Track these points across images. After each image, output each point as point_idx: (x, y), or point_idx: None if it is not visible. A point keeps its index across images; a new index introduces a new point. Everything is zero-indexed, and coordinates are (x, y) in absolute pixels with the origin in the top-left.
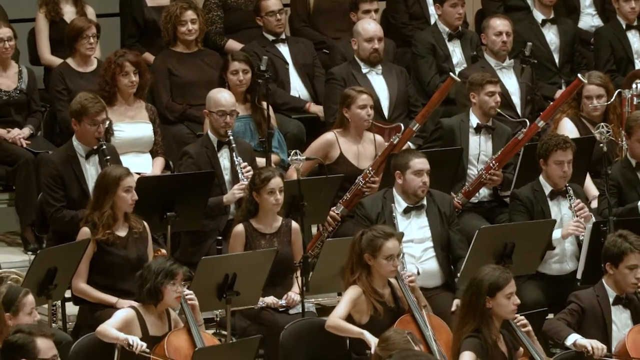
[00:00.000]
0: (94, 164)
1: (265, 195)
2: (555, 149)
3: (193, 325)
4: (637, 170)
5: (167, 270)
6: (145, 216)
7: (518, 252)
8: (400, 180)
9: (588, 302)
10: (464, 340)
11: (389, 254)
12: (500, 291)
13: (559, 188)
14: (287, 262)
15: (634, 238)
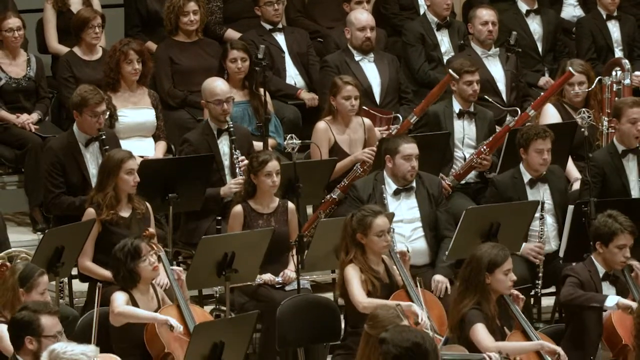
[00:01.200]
0: (93, 151)
1: (262, 177)
2: (536, 138)
3: (182, 302)
4: (623, 157)
5: (132, 251)
6: (148, 197)
7: (503, 231)
8: (390, 164)
9: (584, 275)
10: (469, 313)
11: (379, 230)
12: (499, 268)
13: (539, 175)
14: (284, 241)
15: (623, 219)
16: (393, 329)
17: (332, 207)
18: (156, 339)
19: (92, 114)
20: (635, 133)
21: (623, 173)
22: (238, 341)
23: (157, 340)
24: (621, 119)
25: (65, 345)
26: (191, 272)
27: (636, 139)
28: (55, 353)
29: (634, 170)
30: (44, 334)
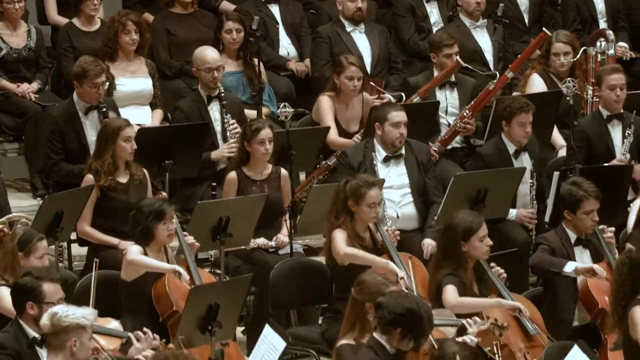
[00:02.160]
0: (92, 120)
1: (256, 145)
2: (519, 112)
3: (192, 263)
4: (608, 122)
5: (157, 211)
6: (145, 164)
7: (491, 197)
8: (379, 131)
9: (555, 242)
10: (444, 278)
11: (371, 202)
12: (474, 235)
13: (520, 146)
14: (277, 206)
15: (587, 185)
16: (390, 294)
17: (325, 173)
18: (165, 297)
19: (92, 85)
20: (615, 98)
21: (608, 138)
22: (232, 303)
23: (166, 298)
24: (602, 85)
25: (66, 308)
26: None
27: (617, 103)
28: (57, 316)
29: (618, 135)
30: (45, 301)
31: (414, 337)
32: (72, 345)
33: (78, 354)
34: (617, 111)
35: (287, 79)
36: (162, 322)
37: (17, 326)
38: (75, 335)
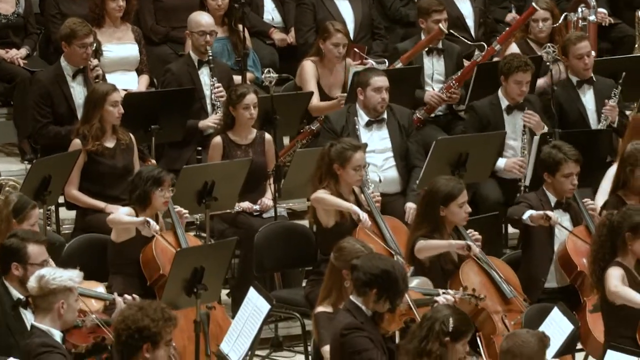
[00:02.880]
0: (79, 83)
1: (241, 110)
2: (517, 70)
3: (179, 228)
4: (578, 88)
5: (156, 177)
6: (132, 129)
7: (472, 161)
8: (362, 96)
9: (535, 203)
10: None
11: (356, 165)
12: (454, 201)
13: (515, 103)
14: (261, 170)
15: (567, 148)
16: (364, 256)
17: (309, 137)
18: (152, 261)
19: (81, 45)
20: (584, 66)
21: (580, 103)
22: (217, 266)
23: (153, 262)
24: (568, 55)
25: (53, 271)
26: (173, 200)
27: (586, 70)
28: (45, 279)
29: (590, 100)
30: (30, 262)
31: (390, 298)
32: (59, 308)
33: (65, 316)
34: (587, 77)
35: (271, 47)
36: (150, 285)
37: (2, 287)
38: (63, 298)
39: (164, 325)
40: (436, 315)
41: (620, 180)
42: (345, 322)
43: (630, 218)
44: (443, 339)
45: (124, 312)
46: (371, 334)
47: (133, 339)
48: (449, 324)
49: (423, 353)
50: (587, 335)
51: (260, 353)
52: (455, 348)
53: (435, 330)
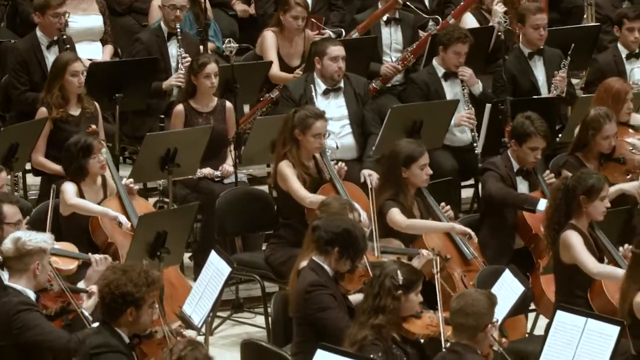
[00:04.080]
0: (54, 53)
1: (202, 78)
2: (457, 41)
3: (123, 194)
4: (530, 59)
5: (84, 147)
6: (96, 97)
7: (426, 128)
8: (319, 65)
9: (502, 170)
10: (385, 203)
11: (316, 132)
12: (415, 162)
13: (451, 71)
14: (222, 137)
15: (539, 123)
16: (326, 217)
17: (268, 106)
18: (100, 229)
19: (54, 15)
20: (539, 37)
21: (531, 74)
22: (180, 230)
23: (101, 230)
24: (525, 24)
25: (28, 234)
26: (136, 166)
27: (539, 41)
28: (21, 241)
29: (541, 70)
30: (5, 221)
31: (351, 257)
32: (35, 269)
33: (39, 277)
34: (539, 48)
35: (232, 18)
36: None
37: None
38: (38, 259)
39: (147, 290)
40: (384, 271)
41: (580, 142)
42: (309, 280)
43: (585, 182)
44: (395, 293)
45: (107, 276)
46: (334, 291)
47: (117, 304)
48: (398, 277)
49: (378, 310)
50: (540, 296)
51: (222, 314)
52: (410, 298)
53: (386, 286)
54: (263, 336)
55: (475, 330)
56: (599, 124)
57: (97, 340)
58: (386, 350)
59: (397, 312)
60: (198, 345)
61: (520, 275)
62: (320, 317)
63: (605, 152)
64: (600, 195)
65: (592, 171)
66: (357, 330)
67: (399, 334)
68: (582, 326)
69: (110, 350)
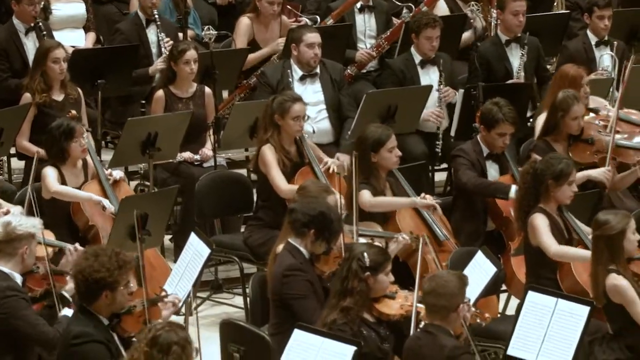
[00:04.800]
0: (32, 39)
1: (181, 65)
2: (426, 27)
3: (104, 179)
4: (506, 46)
5: (66, 130)
6: (79, 83)
7: (400, 113)
8: (295, 52)
9: (472, 155)
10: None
11: (295, 115)
12: (383, 146)
13: (427, 58)
14: (201, 122)
15: (507, 109)
16: (301, 200)
17: (246, 91)
18: (81, 212)
19: (29, 3)
20: (517, 24)
21: (507, 61)
22: (160, 213)
23: (82, 213)
24: (505, 10)
25: (18, 218)
26: (118, 151)
27: (518, 28)
28: (11, 225)
29: (516, 57)
30: None
31: (326, 239)
32: (23, 253)
33: (27, 261)
34: (517, 35)
35: (211, 6)
36: (82, 235)
37: None
38: (27, 243)
39: (119, 273)
40: (351, 254)
41: (550, 126)
42: (287, 263)
43: (553, 166)
44: (362, 275)
45: (80, 262)
46: (311, 275)
47: (92, 289)
48: (365, 259)
49: (346, 292)
50: (511, 277)
51: (201, 295)
52: (379, 279)
53: (353, 268)
54: (241, 316)
55: (447, 310)
56: (568, 105)
57: (76, 330)
58: (355, 333)
59: (366, 294)
60: (176, 328)
61: (493, 256)
62: (295, 304)
63: (575, 133)
64: (569, 179)
65: (561, 156)
66: (327, 312)
67: (372, 315)
68: (552, 306)
69: (89, 340)
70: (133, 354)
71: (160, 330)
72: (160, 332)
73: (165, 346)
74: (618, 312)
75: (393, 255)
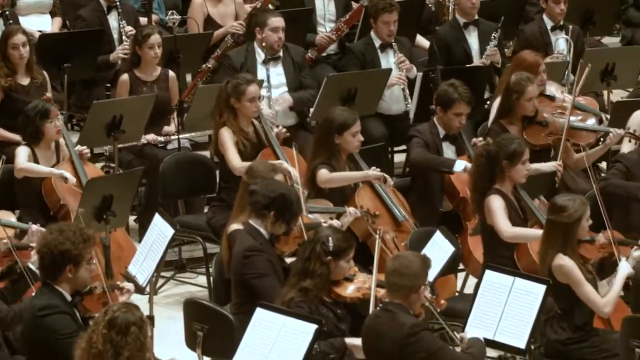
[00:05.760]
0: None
1: (146, 49)
2: (383, 12)
3: (76, 159)
4: (465, 29)
5: (42, 110)
6: (45, 67)
7: (360, 96)
8: (259, 35)
9: (427, 136)
10: (317, 167)
11: (251, 97)
12: (348, 130)
13: (386, 42)
14: (165, 105)
15: (462, 89)
16: (262, 182)
17: (208, 75)
18: (52, 192)
19: None
20: (471, 5)
21: (466, 43)
22: (125, 194)
23: (54, 192)
24: None
25: None
26: (84, 133)
27: (472, 9)
28: None
29: (475, 40)
30: None
31: (286, 220)
32: None
33: None
34: (473, 18)
35: None
36: (53, 215)
37: None
38: None
39: (84, 247)
40: (317, 236)
41: (504, 109)
42: (247, 244)
43: (506, 147)
44: (324, 259)
45: (45, 236)
46: (270, 255)
47: (56, 262)
48: (329, 244)
49: (307, 273)
50: (468, 257)
51: (165, 274)
52: (339, 265)
53: (316, 251)
54: (205, 295)
55: (408, 290)
56: (522, 86)
57: (41, 302)
58: (312, 311)
59: (326, 277)
60: (132, 308)
61: (451, 236)
62: (256, 283)
63: (529, 115)
64: (522, 159)
65: (514, 136)
66: (287, 290)
67: (329, 296)
68: (509, 285)
69: (55, 312)
70: (92, 337)
71: (117, 312)
72: (118, 313)
73: (124, 327)
74: (564, 292)
75: (345, 227)
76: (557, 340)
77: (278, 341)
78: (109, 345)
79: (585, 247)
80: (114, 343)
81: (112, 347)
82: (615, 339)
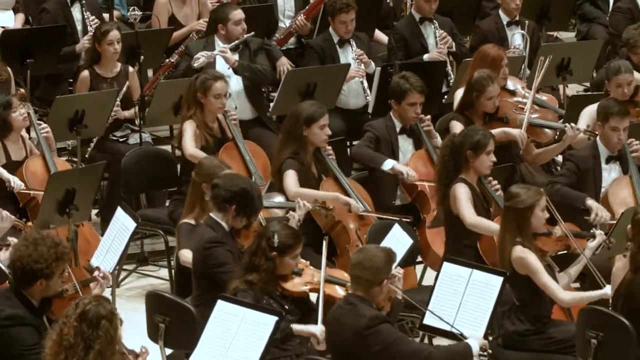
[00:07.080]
0: None
1: (105, 45)
2: (340, 12)
3: (47, 152)
4: (420, 24)
5: (3, 102)
6: (9, 63)
7: (319, 91)
8: (223, 31)
9: (381, 131)
10: (285, 161)
11: (217, 93)
12: (315, 122)
13: (345, 39)
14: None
15: (414, 80)
16: (224, 176)
17: (170, 70)
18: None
19: None
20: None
21: (422, 38)
22: (88, 188)
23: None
24: None
25: None
26: None
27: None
28: None
29: (431, 34)
30: None
31: (247, 214)
32: None
33: None
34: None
35: None
36: (23, 207)
37: None
38: None
39: (57, 265)
40: (264, 232)
41: (465, 104)
42: (207, 236)
43: (471, 138)
44: (269, 254)
45: (18, 248)
46: (231, 247)
47: (27, 277)
48: (275, 240)
49: (253, 267)
50: (426, 249)
51: (128, 267)
52: (284, 261)
53: (262, 246)
54: (167, 288)
55: (371, 284)
56: (482, 86)
57: (7, 311)
58: (258, 299)
59: (271, 272)
60: (103, 301)
61: (409, 229)
62: (217, 272)
63: (490, 112)
64: (486, 149)
65: (478, 127)
66: (233, 283)
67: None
68: (467, 277)
69: (19, 324)
70: (62, 329)
71: (88, 305)
72: (89, 306)
73: (95, 320)
74: (522, 283)
75: (300, 220)
76: (515, 332)
77: (239, 333)
78: (79, 338)
79: (542, 240)
80: (85, 336)
81: (82, 340)
82: (573, 330)
